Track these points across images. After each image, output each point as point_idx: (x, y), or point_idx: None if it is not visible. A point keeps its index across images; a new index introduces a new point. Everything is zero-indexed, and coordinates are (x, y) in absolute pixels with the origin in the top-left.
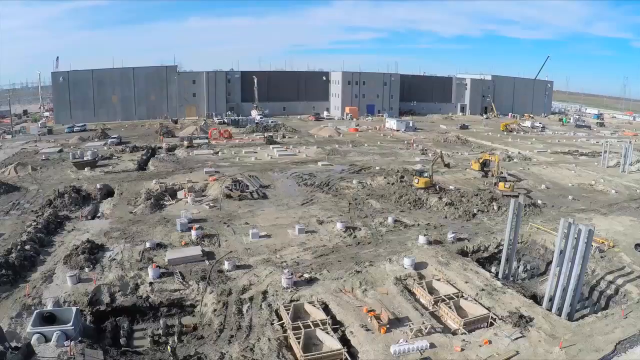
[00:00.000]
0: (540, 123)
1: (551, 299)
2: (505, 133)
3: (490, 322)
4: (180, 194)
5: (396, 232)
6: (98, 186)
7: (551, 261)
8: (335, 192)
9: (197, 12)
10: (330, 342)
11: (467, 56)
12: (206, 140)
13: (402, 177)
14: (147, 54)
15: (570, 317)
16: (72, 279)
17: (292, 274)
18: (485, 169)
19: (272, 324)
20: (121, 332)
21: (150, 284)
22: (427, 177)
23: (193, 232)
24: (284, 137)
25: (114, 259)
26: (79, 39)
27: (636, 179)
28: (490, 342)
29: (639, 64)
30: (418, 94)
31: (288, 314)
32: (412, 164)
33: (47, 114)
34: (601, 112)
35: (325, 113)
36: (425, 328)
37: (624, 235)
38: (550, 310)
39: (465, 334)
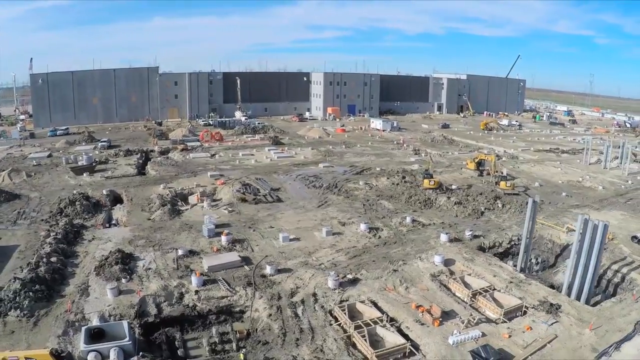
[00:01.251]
0: (516, 121)
1: (569, 287)
2: (485, 132)
3: (524, 310)
4: (191, 199)
5: (416, 231)
6: (104, 192)
7: (559, 254)
8: (345, 194)
9: (161, 12)
10: (391, 338)
11: (431, 54)
12: (198, 143)
13: (404, 177)
14: (112, 55)
15: (588, 303)
16: (113, 291)
17: (337, 276)
18: (480, 168)
19: (330, 324)
20: (176, 343)
21: (196, 292)
22: (435, 179)
23: (223, 238)
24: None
25: (149, 268)
26: (39, 40)
27: (617, 174)
28: (531, 328)
29: (602, 61)
30: (396, 94)
31: (345, 314)
32: (408, 164)
33: (22, 117)
34: (570, 108)
35: (307, 113)
36: (473, 319)
37: (619, 229)
38: (568, 296)
39: (505, 322)
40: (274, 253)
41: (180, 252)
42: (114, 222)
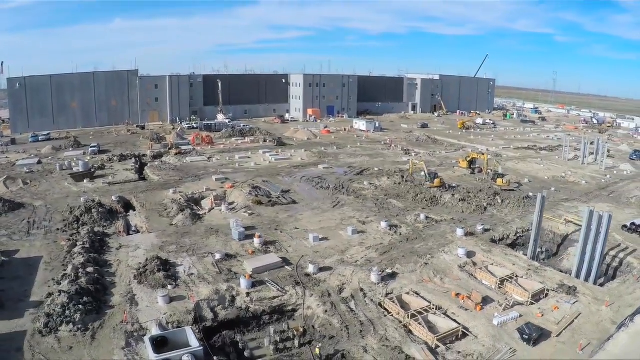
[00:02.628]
0: (490, 120)
1: (578, 271)
2: (464, 131)
3: (546, 293)
4: (204, 203)
5: (431, 227)
6: (114, 199)
7: (561, 243)
8: (354, 194)
9: (122, 13)
10: (443, 323)
11: (394, 53)
12: (191, 147)
13: (402, 176)
14: (73, 57)
15: (596, 284)
16: (165, 298)
17: (380, 271)
18: (472, 166)
19: (385, 315)
20: (240, 345)
21: (248, 294)
22: (439, 177)
23: (256, 240)
24: (264, 139)
25: (192, 274)
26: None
27: (595, 169)
28: (557, 307)
29: (562, 58)
30: (372, 95)
31: (396, 304)
32: (401, 164)
33: None
34: (537, 106)
35: (287, 115)
36: (509, 303)
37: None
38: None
39: (533, 304)
40: (308, 253)
41: (217, 256)
42: (133, 229)
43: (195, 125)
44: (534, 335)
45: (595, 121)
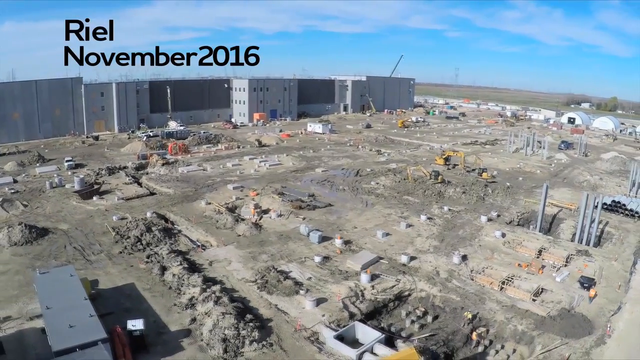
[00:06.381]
0: (421, 117)
1: (580, 240)
2: (405, 130)
3: (570, 257)
4: (244, 211)
5: (457, 217)
6: (148, 214)
7: (552, 222)
8: (372, 194)
9: (11, 15)
10: (526, 285)
11: (290, 52)
12: (170, 156)
13: (396, 175)
14: None
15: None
16: (313, 303)
17: (459, 254)
18: (447, 163)
19: (483, 287)
20: (385, 326)
21: (372, 287)
22: (441, 175)
23: (337, 241)
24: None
25: (310, 277)
26: None
27: (538, 160)
28: (587, 265)
29: (456, 52)
30: (307, 97)
31: (487, 277)
32: (384, 164)
33: None
34: (447, 101)
35: (234, 120)
36: (557, 266)
37: (575, 200)
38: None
39: (567, 265)
40: (385, 247)
41: (317, 259)
42: (198, 244)
43: (151, 134)
44: (588, 283)
45: (508, 114)
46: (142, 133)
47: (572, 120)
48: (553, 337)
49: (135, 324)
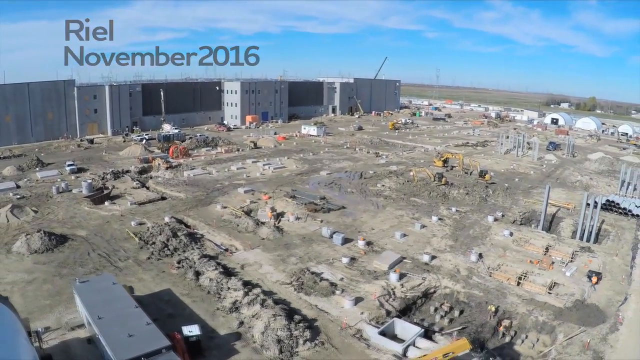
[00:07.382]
0: (410, 119)
1: (581, 237)
2: (396, 132)
3: (575, 253)
4: (260, 214)
5: (465, 217)
6: (166, 219)
7: (552, 220)
8: (380, 196)
9: None
10: (540, 279)
11: (268, 52)
12: (173, 160)
13: (396, 177)
14: None
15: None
16: (351, 302)
17: (476, 253)
18: (445, 164)
19: (501, 282)
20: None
21: (402, 285)
22: (444, 177)
23: (360, 242)
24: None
25: (342, 278)
26: None
27: (530, 161)
28: (591, 260)
29: (433, 53)
30: (297, 99)
31: (504, 273)
32: (384, 166)
33: None
34: (430, 102)
35: (226, 122)
36: (565, 261)
37: (571, 200)
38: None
39: (573, 261)
40: (405, 247)
41: (345, 260)
42: (224, 247)
43: (146, 137)
44: (597, 277)
45: (493, 115)
46: (137, 136)
47: (555, 121)
48: (572, 326)
49: (192, 330)
